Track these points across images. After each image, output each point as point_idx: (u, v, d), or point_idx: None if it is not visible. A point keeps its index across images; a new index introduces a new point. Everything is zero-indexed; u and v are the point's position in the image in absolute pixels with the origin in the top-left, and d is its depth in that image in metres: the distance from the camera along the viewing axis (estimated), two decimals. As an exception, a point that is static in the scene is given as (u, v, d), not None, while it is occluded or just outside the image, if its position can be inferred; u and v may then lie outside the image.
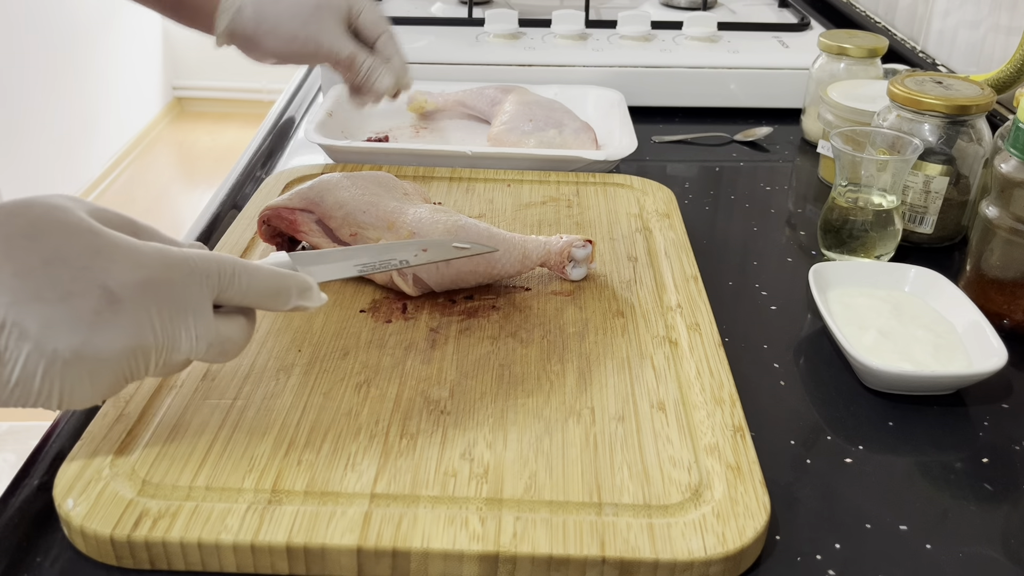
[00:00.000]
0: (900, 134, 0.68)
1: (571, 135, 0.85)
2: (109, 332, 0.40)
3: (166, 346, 0.42)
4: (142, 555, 0.42)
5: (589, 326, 0.58)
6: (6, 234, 0.39)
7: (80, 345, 0.40)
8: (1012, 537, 0.46)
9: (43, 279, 0.39)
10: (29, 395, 0.40)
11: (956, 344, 0.57)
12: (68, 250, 0.40)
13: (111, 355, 0.41)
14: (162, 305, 0.42)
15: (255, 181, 0.84)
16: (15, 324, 0.38)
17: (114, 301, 0.40)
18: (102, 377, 0.41)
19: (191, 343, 0.43)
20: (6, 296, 0.38)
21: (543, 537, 0.42)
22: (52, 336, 0.39)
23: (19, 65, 2.67)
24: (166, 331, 0.42)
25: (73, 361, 0.40)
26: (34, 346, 0.39)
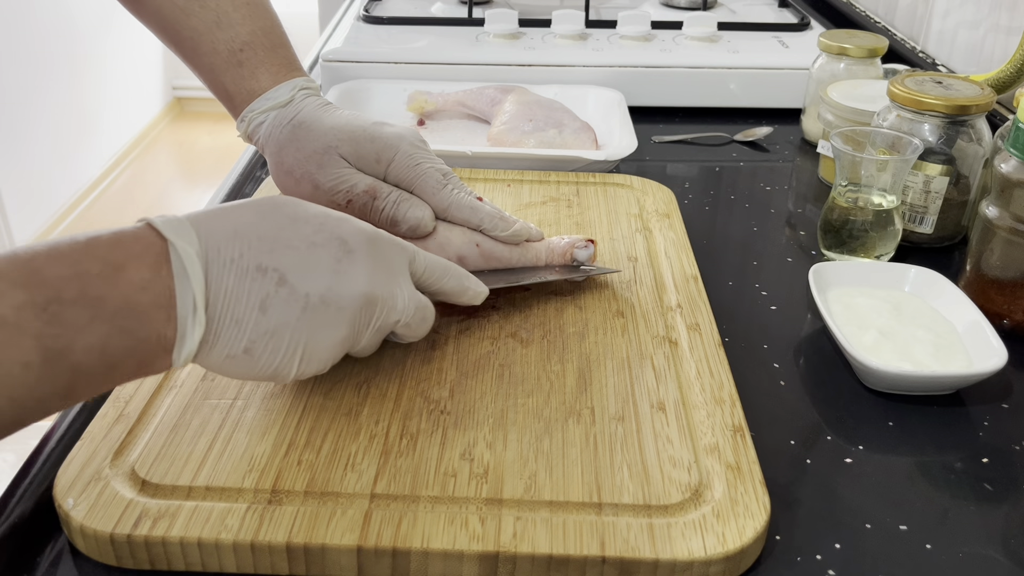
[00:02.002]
0: (900, 134, 0.68)
1: (571, 135, 0.85)
2: (348, 279, 0.44)
3: (388, 302, 0.47)
4: (142, 555, 0.42)
5: (589, 326, 0.58)
6: (254, 203, 0.45)
7: (326, 290, 0.44)
8: (1012, 537, 0.46)
9: (292, 232, 0.44)
10: (279, 348, 0.43)
11: (956, 344, 0.57)
12: (305, 213, 0.45)
13: (349, 302, 0.45)
14: (381, 262, 0.47)
15: (255, 181, 0.84)
16: (275, 269, 0.42)
17: (349, 251, 0.45)
18: (340, 327, 0.45)
19: (404, 302, 0.48)
20: (265, 245, 0.43)
21: (543, 537, 0.42)
22: (304, 280, 0.43)
23: (19, 65, 2.67)
24: (388, 286, 0.47)
25: (320, 307, 0.43)
26: (290, 290, 0.42)
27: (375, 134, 0.59)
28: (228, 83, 0.60)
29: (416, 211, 0.58)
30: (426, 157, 0.59)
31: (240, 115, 0.61)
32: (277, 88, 0.60)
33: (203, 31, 0.59)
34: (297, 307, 0.43)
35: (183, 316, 0.40)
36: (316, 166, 0.58)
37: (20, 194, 2.66)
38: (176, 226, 0.41)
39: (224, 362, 0.42)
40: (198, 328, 0.40)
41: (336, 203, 0.59)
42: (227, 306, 0.41)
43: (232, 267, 0.41)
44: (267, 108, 0.60)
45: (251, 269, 0.42)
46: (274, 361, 0.43)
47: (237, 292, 0.41)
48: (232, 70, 0.60)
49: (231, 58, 0.60)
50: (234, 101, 0.61)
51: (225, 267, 0.41)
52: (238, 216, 0.43)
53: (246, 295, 0.42)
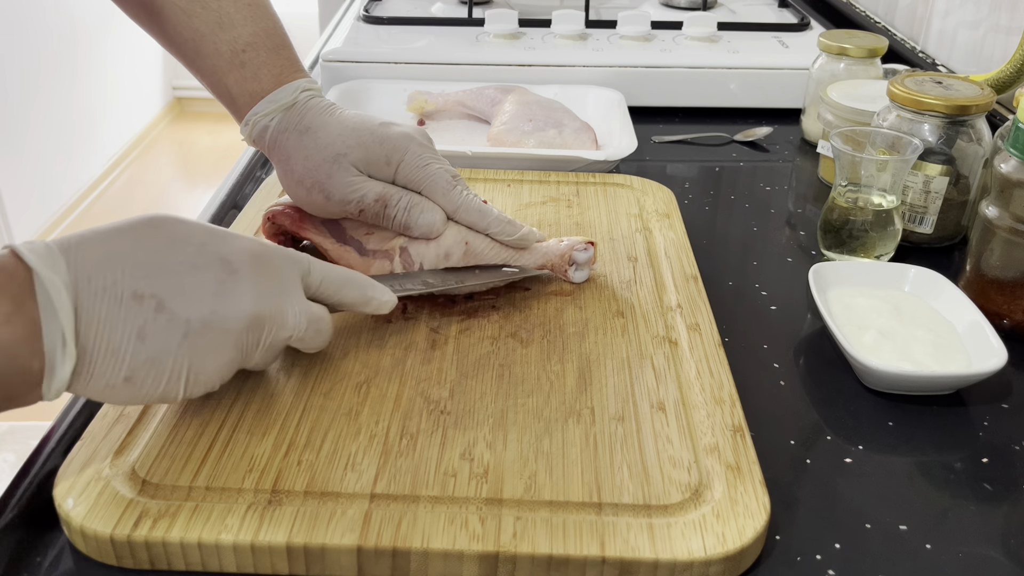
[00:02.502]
0: (900, 134, 0.68)
1: (571, 135, 0.85)
2: (231, 301, 0.44)
3: (276, 320, 0.46)
4: (142, 555, 0.42)
5: (589, 326, 0.58)
6: (131, 225, 0.44)
7: (209, 313, 0.43)
8: (1012, 537, 0.46)
9: (171, 255, 0.43)
10: (162, 375, 0.42)
11: (956, 344, 0.57)
12: (187, 233, 0.44)
13: (234, 325, 0.44)
14: (269, 279, 0.46)
15: (255, 181, 0.84)
16: (152, 295, 0.41)
17: (233, 272, 0.44)
18: (225, 351, 0.44)
19: (295, 318, 0.47)
20: (140, 271, 0.41)
21: (543, 537, 0.42)
22: (185, 305, 0.42)
23: (19, 65, 2.67)
24: (276, 304, 0.46)
25: (203, 331, 0.43)
26: (169, 317, 0.42)
27: (383, 136, 0.59)
28: (231, 84, 0.60)
29: (428, 216, 0.58)
30: (434, 158, 0.59)
31: (244, 119, 0.61)
32: (280, 90, 0.60)
33: (205, 32, 0.59)
34: (178, 333, 0.42)
35: (51, 350, 0.39)
36: (326, 176, 0.58)
37: (20, 194, 2.66)
38: (43, 253, 0.39)
39: (105, 391, 0.42)
40: (68, 361, 0.39)
41: (348, 212, 0.59)
42: (101, 336, 0.40)
43: (105, 295, 0.40)
44: (271, 111, 0.60)
45: (126, 297, 0.41)
46: (158, 387, 0.43)
47: (112, 321, 0.40)
48: (235, 71, 0.60)
49: (234, 59, 0.59)
50: (237, 103, 0.61)
51: (97, 296, 0.40)
52: (113, 241, 0.42)
53: (121, 323, 0.41)
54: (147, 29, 0.63)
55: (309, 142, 0.59)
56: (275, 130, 0.60)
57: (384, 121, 0.60)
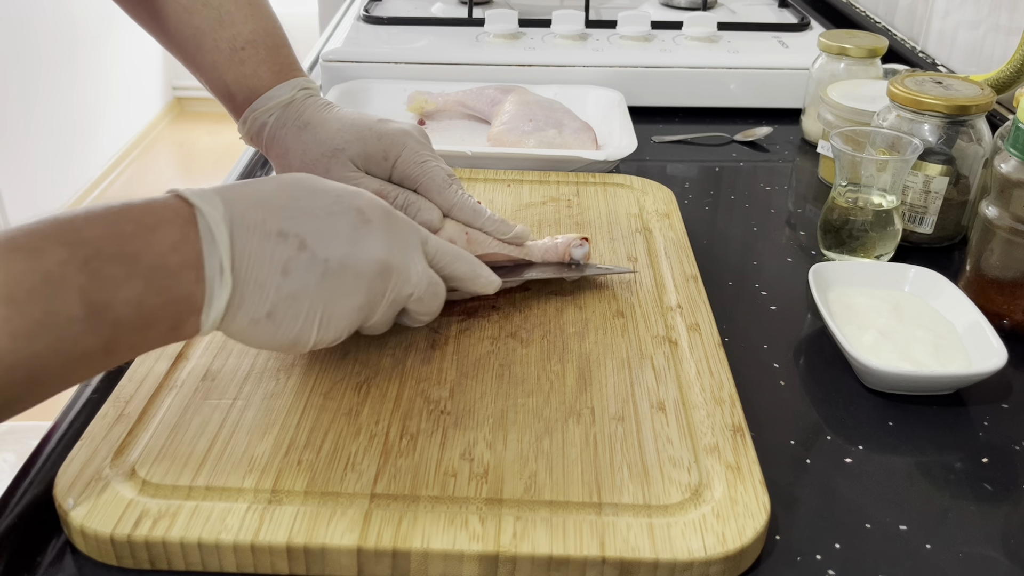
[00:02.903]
0: (900, 134, 0.68)
1: (571, 135, 0.85)
2: (365, 246, 0.46)
3: (402, 273, 0.48)
4: (142, 555, 0.42)
5: (589, 326, 0.58)
6: (276, 176, 0.47)
7: (345, 256, 0.45)
8: (1012, 537, 0.46)
9: (311, 201, 0.46)
10: (300, 312, 0.44)
11: (956, 344, 0.57)
12: (324, 185, 0.47)
13: (367, 268, 0.46)
14: (396, 234, 0.48)
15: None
16: (296, 235, 0.44)
17: (366, 221, 0.47)
18: (356, 295, 0.46)
19: (418, 275, 0.49)
20: (286, 212, 0.44)
21: (543, 537, 0.42)
22: (324, 245, 0.45)
23: (19, 65, 2.67)
24: (402, 257, 0.48)
25: (339, 271, 0.45)
26: (311, 255, 0.44)
27: (381, 131, 0.59)
28: (230, 81, 0.60)
29: (425, 214, 0.58)
30: (431, 155, 0.60)
31: (242, 116, 0.61)
32: (279, 87, 0.60)
33: (206, 29, 0.59)
34: (317, 271, 0.44)
35: (211, 277, 0.41)
36: (323, 171, 0.58)
37: (20, 194, 2.66)
38: (202, 194, 0.42)
39: (248, 327, 0.44)
40: (225, 289, 0.42)
41: None
42: (251, 269, 0.42)
43: (255, 232, 0.43)
44: (269, 107, 0.60)
45: (273, 234, 0.43)
46: (295, 326, 0.44)
47: (260, 256, 0.43)
48: (234, 68, 0.60)
49: (233, 56, 0.60)
50: (236, 100, 0.61)
51: (249, 232, 0.43)
52: (261, 186, 0.45)
53: (269, 259, 0.43)
54: (147, 27, 0.63)
55: (307, 137, 0.59)
56: (273, 126, 0.60)
57: (382, 118, 0.60)
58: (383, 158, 0.59)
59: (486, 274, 0.55)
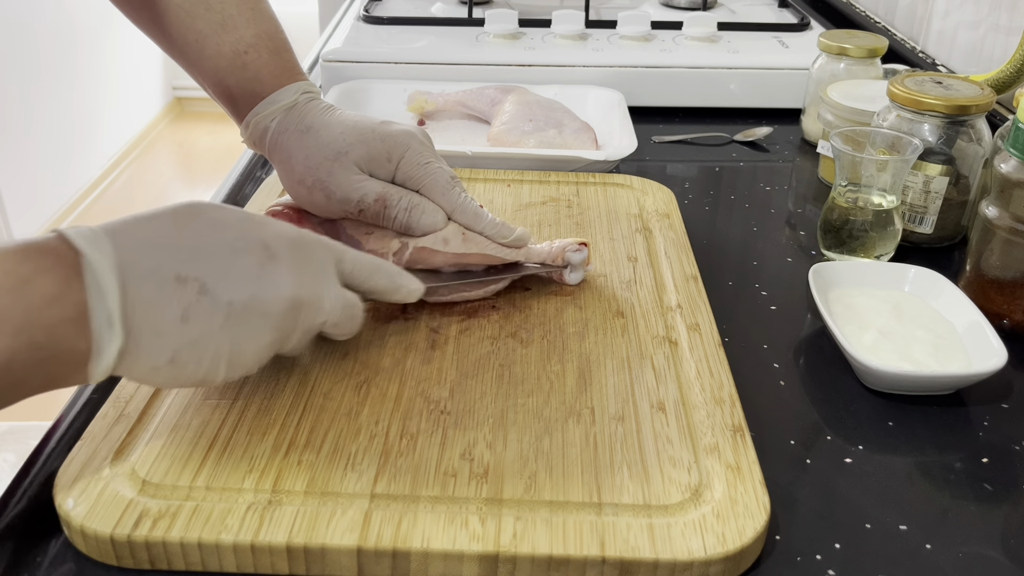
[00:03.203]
0: (900, 134, 0.68)
1: (571, 135, 0.85)
2: (272, 284, 0.44)
3: (313, 304, 0.46)
4: (142, 555, 0.42)
5: (589, 326, 0.58)
6: (171, 211, 0.44)
7: (249, 298, 0.43)
8: (1012, 537, 0.46)
9: (212, 239, 0.43)
10: (204, 356, 0.42)
11: (956, 344, 0.57)
12: (225, 218, 0.45)
13: (274, 308, 0.44)
14: (306, 264, 0.46)
15: (255, 181, 0.84)
16: (195, 279, 0.42)
17: (272, 256, 0.45)
18: (264, 334, 0.44)
19: (331, 302, 0.47)
20: (184, 254, 0.42)
21: (543, 537, 0.42)
22: (226, 287, 0.42)
23: (19, 65, 2.67)
24: (313, 288, 0.46)
25: (244, 314, 0.43)
26: (212, 299, 0.42)
27: (384, 133, 0.59)
28: (232, 86, 0.60)
29: (429, 217, 0.58)
30: (434, 157, 0.60)
31: (244, 120, 0.61)
32: (281, 91, 0.60)
33: (208, 34, 0.59)
34: (220, 315, 0.42)
35: (98, 330, 0.39)
36: (327, 174, 0.58)
37: (20, 194, 2.66)
38: (89, 237, 0.40)
39: (148, 373, 0.42)
40: (115, 341, 0.40)
41: (348, 211, 0.59)
42: (147, 318, 0.40)
43: (151, 278, 0.41)
44: (271, 111, 0.60)
45: (170, 279, 0.41)
46: (199, 370, 0.43)
47: (157, 303, 0.41)
48: (236, 72, 0.60)
49: (235, 60, 0.59)
50: (238, 104, 0.61)
51: (143, 278, 0.40)
52: (155, 225, 0.43)
53: (167, 305, 0.41)
54: (148, 31, 0.63)
55: (310, 141, 0.59)
56: (276, 130, 0.60)
57: (384, 120, 0.60)
58: (386, 160, 0.59)
59: (407, 283, 0.53)
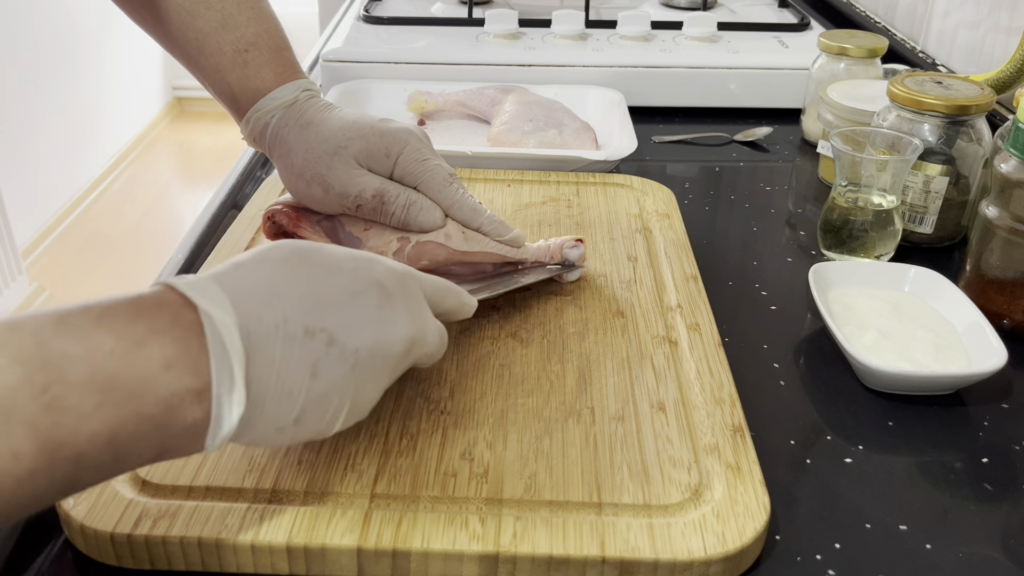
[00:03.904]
0: (900, 134, 0.68)
1: (571, 135, 0.85)
2: (391, 327, 0.42)
3: (422, 339, 0.44)
4: (142, 555, 0.42)
5: (589, 326, 0.58)
6: (280, 256, 0.41)
7: (374, 341, 0.41)
8: (1012, 537, 0.46)
9: (329, 283, 0.41)
10: (327, 410, 0.39)
11: (956, 344, 0.57)
12: (334, 260, 0.42)
13: (395, 349, 0.42)
14: (412, 299, 0.44)
15: (255, 181, 0.84)
16: (323, 329, 0.39)
17: (388, 295, 0.43)
18: (383, 377, 0.42)
19: (431, 335, 0.46)
20: (306, 303, 0.39)
21: (543, 537, 0.42)
22: (353, 335, 0.40)
23: (19, 65, 2.67)
24: (422, 323, 0.45)
25: (369, 360, 0.41)
26: (340, 350, 0.39)
27: (384, 129, 0.59)
28: (233, 83, 0.60)
29: (427, 215, 0.58)
30: (433, 154, 0.60)
31: (245, 116, 0.61)
32: (282, 88, 0.60)
33: (209, 32, 0.59)
34: (347, 365, 0.40)
35: (219, 396, 0.35)
36: (326, 168, 0.58)
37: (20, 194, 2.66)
38: (205, 291, 0.36)
39: (272, 435, 0.38)
40: (237, 408, 0.36)
41: (346, 206, 0.59)
42: (276, 379, 0.37)
43: (278, 335, 0.37)
44: (272, 108, 0.60)
45: (299, 334, 0.38)
46: (321, 423, 0.40)
47: (286, 361, 0.37)
48: (237, 70, 0.60)
49: (237, 58, 0.60)
50: (239, 102, 0.61)
51: (270, 336, 0.37)
52: (270, 274, 0.39)
53: (296, 362, 0.38)
54: (149, 30, 0.63)
55: (310, 135, 0.59)
56: (276, 126, 0.60)
57: (383, 118, 0.61)
58: (385, 155, 0.59)
59: (467, 300, 0.51)
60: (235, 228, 0.69)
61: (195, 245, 0.71)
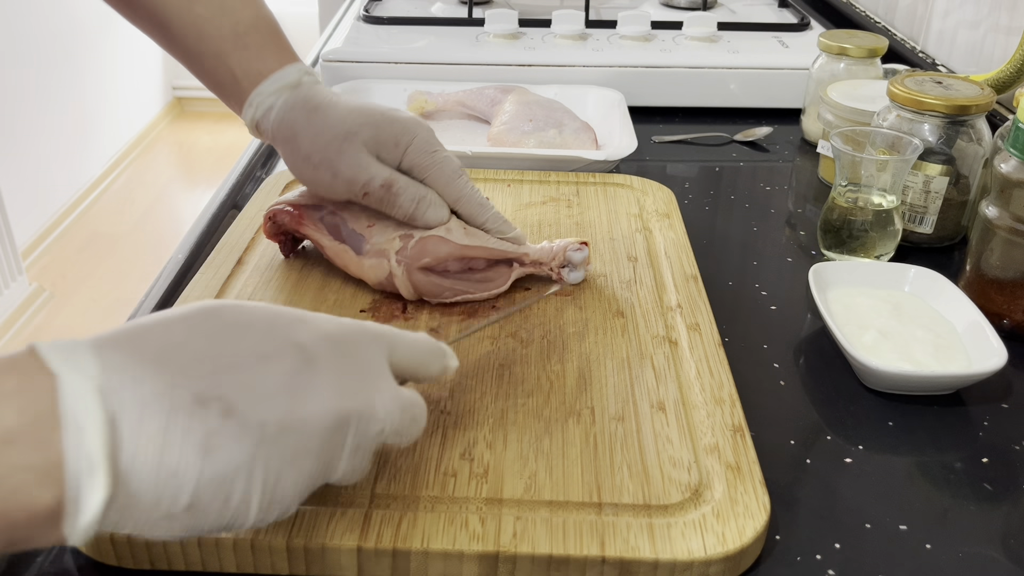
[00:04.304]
0: (900, 134, 0.68)
1: (571, 135, 0.85)
2: (311, 396, 0.36)
3: (364, 415, 0.38)
4: (142, 555, 0.42)
5: (589, 326, 0.58)
6: (181, 315, 0.36)
7: (285, 414, 0.35)
8: (1012, 537, 0.46)
9: (233, 344, 0.35)
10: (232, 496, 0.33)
11: (956, 344, 0.57)
12: (249, 318, 0.37)
13: (315, 426, 0.36)
14: (351, 365, 0.38)
15: (255, 181, 0.84)
16: (219, 398, 0.33)
17: (309, 360, 0.36)
18: (304, 460, 0.36)
19: (385, 407, 0.38)
20: (204, 366, 0.34)
21: (543, 537, 0.42)
22: (256, 407, 0.34)
23: (19, 65, 2.67)
24: (361, 394, 0.38)
25: (279, 437, 0.34)
26: (240, 422, 0.33)
27: (394, 117, 0.59)
28: (235, 65, 0.59)
29: (435, 212, 0.58)
30: (441, 146, 0.60)
31: (248, 99, 0.60)
32: (285, 69, 0.59)
33: (207, 17, 0.59)
34: (250, 442, 0.34)
35: (76, 475, 0.30)
36: (336, 152, 0.57)
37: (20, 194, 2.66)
38: (71, 354, 0.31)
39: (160, 522, 0.33)
40: (96, 492, 0.30)
41: (353, 194, 0.59)
42: (157, 455, 0.31)
43: (161, 403, 0.32)
44: (276, 89, 0.59)
45: (187, 403, 0.32)
46: (225, 513, 0.34)
47: (170, 435, 0.32)
48: (238, 52, 0.59)
49: (237, 41, 0.59)
50: (241, 85, 0.60)
51: (150, 404, 0.32)
52: (165, 334, 0.34)
53: (181, 437, 0.32)
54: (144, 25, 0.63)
55: (319, 120, 0.58)
56: (281, 108, 0.59)
57: (393, 107, 0.61)
58: (394, 144, 0.58)
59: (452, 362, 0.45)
60: (235, 228, 0.69)
61: (195, 245, 0.71)
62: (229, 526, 0.34)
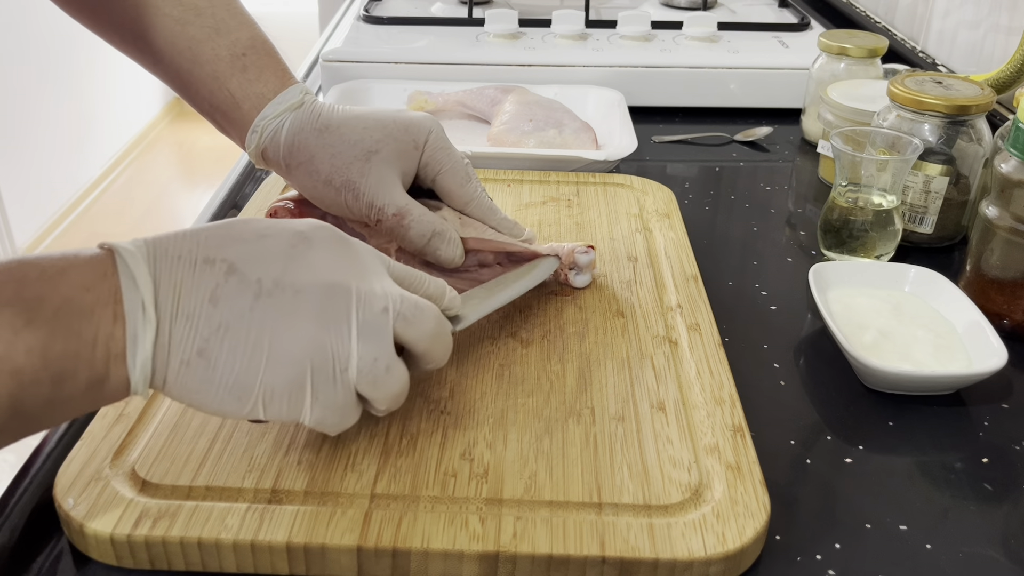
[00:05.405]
0: (900, 134, 0.68)
1: (571, 135, 0.85)
2: (305, 264, 0.42)
3: (360, 287, 0.42)
4: (142, 555, 0.42)
5: (589, 326, 0.58)
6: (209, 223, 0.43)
7: (280, 274, 0.41)
8: (1012, 537, 0.46)
9: (241, 228, 0.42)
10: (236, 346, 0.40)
11: (956, 344, 0.57)
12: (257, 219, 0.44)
13: (308, 285, 0.41)
14: (348, 252, 0.43)
15: (255, 181, 0.84)
16: (223, 260, 0.40)
17: (305, 239, 0.42)
18: (303, 319, 0.40)
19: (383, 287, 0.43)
20: (212, 240, 0.41)
21: (543, 537, 0.42)
22: (254, 266, 0.41)
23: (19, 65, 2.67)
24: (356, 271, 0.43)
25: (275, 291, 0.40)
26: (240, 278, 0.40)
27: (407, 122, 0.58)
28: (235, 89, 0.57)
29: (448, 251, 0.57)
30: (452, 144, 0.60)
31: (252, 125, 0.58)
32: (287, 91, 0.58)
33: (202, 39, 0.57)
34: (249, 294, 0.40)
35: (132, 312, 0.38)
36: (358, 174, 0.56)
37: (20, 194, 2.66)
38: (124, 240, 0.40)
39: (182, 372, 0.39)
40: (149, 327, 0.38)
41: (367, 217, 0.57)
42: (177, 301, 0.39)
43: (180, 262, 0.40)
44: (281, 112, 0.57)
45: (199, 262, 0.40)
46: (233, 364, 0.40)
47: (186, 286, 0.40)
48: (237, 75, 0.57)
49: (235, 63, 0.57)
50: (242, 108, 0.58)
51: (172, 262, 0.40)
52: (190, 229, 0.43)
53: (195, 288, 0.40)
54: (133, 52, 0.61)
55: (333, 139, 0.56)
56: (290, 131, 0.57)
57: (398, 110, 0.60)
58: (413, 147, 0.58)
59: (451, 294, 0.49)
60: (235, 228, 0.69)
61: (195, 245, 0.71)
62: (239, 385, 0.40)
